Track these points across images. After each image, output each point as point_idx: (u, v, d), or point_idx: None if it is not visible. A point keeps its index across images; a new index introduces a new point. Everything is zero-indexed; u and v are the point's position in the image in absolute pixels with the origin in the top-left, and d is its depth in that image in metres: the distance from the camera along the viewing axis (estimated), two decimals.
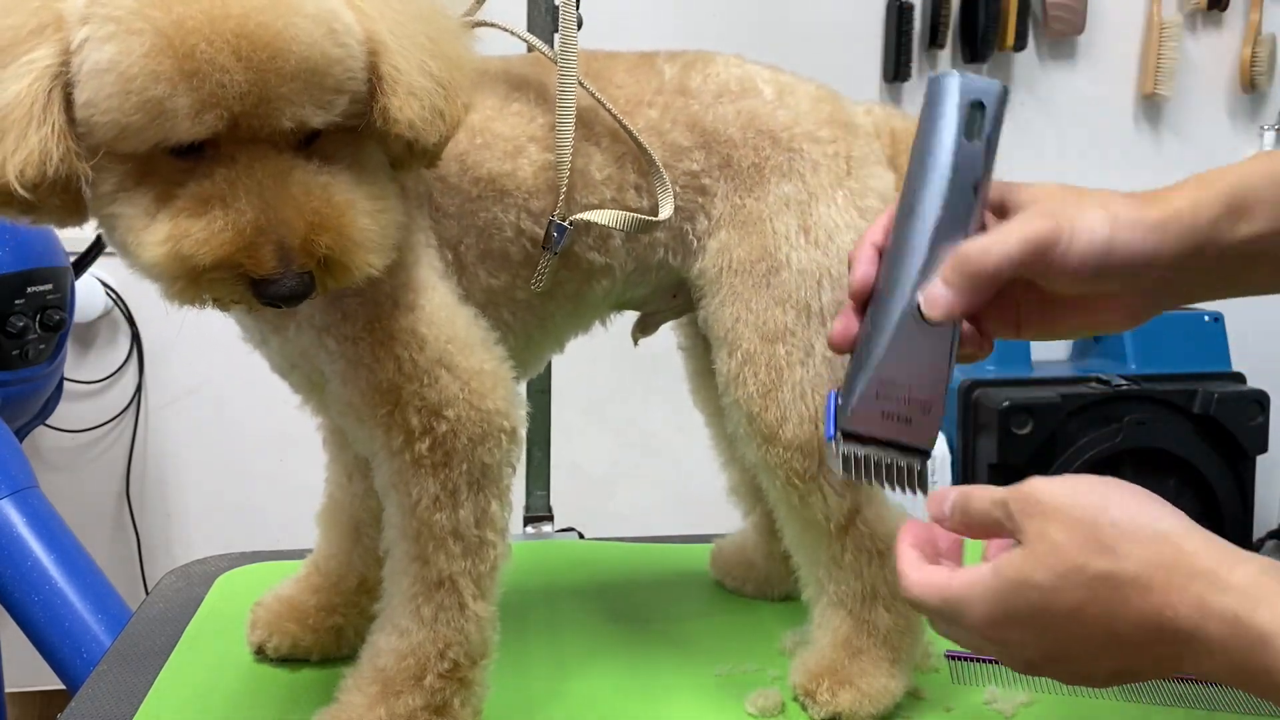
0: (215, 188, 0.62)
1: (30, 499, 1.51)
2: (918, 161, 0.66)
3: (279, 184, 0.62)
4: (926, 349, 0.66)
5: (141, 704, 0.85)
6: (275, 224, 0.62)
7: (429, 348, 0.74)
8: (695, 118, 0.85)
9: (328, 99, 0.63)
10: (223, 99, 0.59)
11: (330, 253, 0.63)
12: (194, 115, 0.59)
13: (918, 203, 0.65)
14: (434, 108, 0.67)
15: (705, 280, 0.86)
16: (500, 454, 0.77)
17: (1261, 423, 2.26)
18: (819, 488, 0.84)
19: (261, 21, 0.59)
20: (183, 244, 0.61)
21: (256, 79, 0.59)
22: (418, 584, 0.76)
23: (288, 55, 0.60)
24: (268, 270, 0.62)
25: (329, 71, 0.62)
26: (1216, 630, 0.50)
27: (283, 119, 0.61)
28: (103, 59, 0.58)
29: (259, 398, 2.06)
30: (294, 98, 0.61)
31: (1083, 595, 0.54)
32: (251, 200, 0.61)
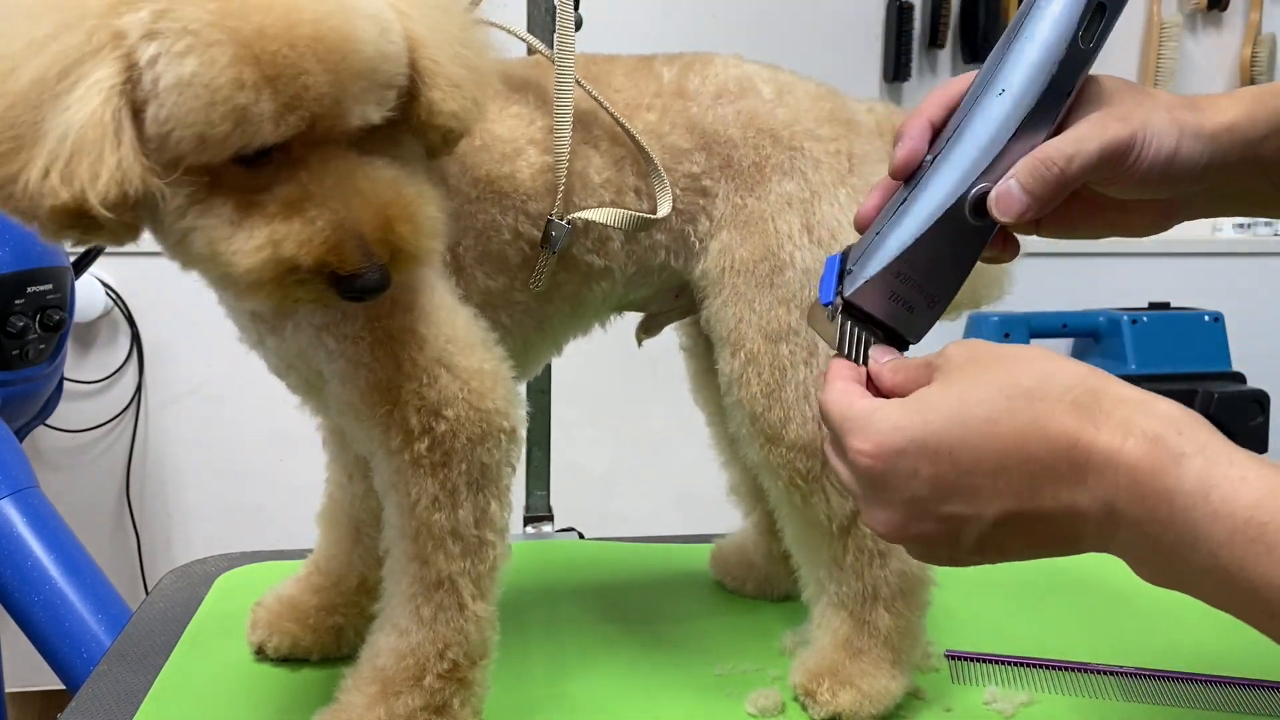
0: (301, 190, 0.63)
1: (30, 499, 1.51)
2: (1016, 50, 0.61)
3: (353, 181, 0.64)
4: (962, 242, 0.63)
5: (141, 704, 0.85)
6: (355, 220, 0.63)
7: (428, 347, 0.74)
8: (694, 119, 0.85)
9: (384, 95, 0.65)
10: (304, 101, 0.60)
11: (405, 243, 0.65)
12: (277, 119, 0.60)
13: (1008, 89, 0.61)
14: (472, 97, 0.70)
15: (708, 281, 0.86)
16: (500, 454, 0.77)
17: (1261, 423, 2.26)
18: (821, 488, 0.84)
19: (333, 25, 0.61)
20: (283, 247, 0.62)
21: (333, 80, 0.61)
22: (417, 584, 0.76)
23: (357, 55, 0.62)
24: (354, 266, 0.63)
25: (384, 69, 0.64)
26: (1133, 450, 0.48)
27: (352, 118, 0.63)
28: (184, 72, 0.58)
29: (259, 398, 2.06)
30: (362, 96, 0.63)
31: (1003, 403, 0.52)
32: (330, 201, 0.63)
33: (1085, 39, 0.61)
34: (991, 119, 0.61)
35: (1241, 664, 0.91)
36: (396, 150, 0.69)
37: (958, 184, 0.62)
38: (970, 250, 0.63)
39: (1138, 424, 0.49)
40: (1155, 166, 0.61)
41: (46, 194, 0.59)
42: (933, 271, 0.62)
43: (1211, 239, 2.67)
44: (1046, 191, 0.61)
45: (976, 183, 0.61)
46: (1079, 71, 0.61)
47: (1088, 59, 0.61)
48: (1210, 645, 0.96)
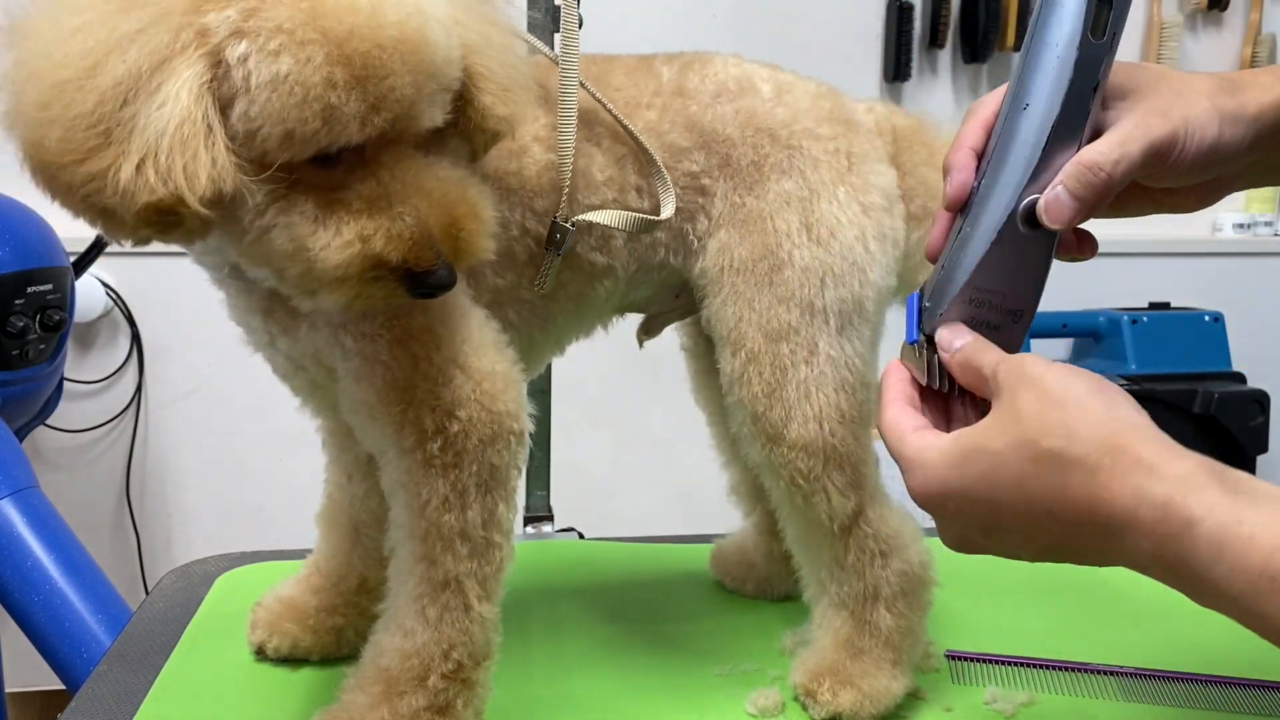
0: (383, 189, 0.64)
1: (30, 499, 1.51)
2: (1033, 59, 0.63)
3: (422, 181, 0.66)
4: (1027, 254, 0.64)
5: (141, 704, 0.85)
6: (427, 219, 0.65)
7: (445, 347, 0.75)
8: (694, 118, 0.85)
9: (446, 98, 0.67)
10: (389, 102, 0.62)
11: (467, 242, 0.67)
12: (364, 119, 0.62)
13: (1032, 103, 0.62)
14: (517, 103, 0.72)
15: (707, 280, 0.86)
16: (509, 456, 0.77)
17: (1261, 423, 2.27)
18: (823, 488, 0.84)
19: (414, 26, 0.62)
20: (372, 242, 0.64)
21: (415, 81, 0.63)
22: (424, 584, 0.76)
23: (432, 59, 0.63)
24: (428, 263, 0.65)
25: (449, 72, 0.66)
26: (1147, 515, 0.51)
27: (424, 119, 0.65)
28: (280, 70, 0.59)
29: (259, 398, 2.06)
30: (436, 98, 0.65)
31: (1029, 469, 0.55)
32: (407, 199, 0.65)
33: (1096, 34, 0.61)
34: (1023, 134, 0.63)
35: (1241, 664, 0.91)
36: (445, 152, 0.70)
37: (1007, 202, 0.63)
38: (1040, 259, 0.65)
39: (1147, 490, 0.52)
40: (1200, 157, 0.63)
41: (141, 190, 0.58)
42: (1007, 289, 0.64)
43: (1211, 239, 2.67)
44: (1094, 196, 0.62)
45: (1023, 196, 0.63)
46: (1098, 68, 0.62)
47: (1104, 54, 0.62)
48: (1210, 645, 0.96)
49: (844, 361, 0.84)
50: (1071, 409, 0.55)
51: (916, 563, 0.86)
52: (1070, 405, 0.56)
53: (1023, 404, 0.57)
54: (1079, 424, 0.55)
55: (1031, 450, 0.55)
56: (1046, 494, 0.55)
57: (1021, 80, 0.63)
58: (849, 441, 0.84)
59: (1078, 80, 0.62)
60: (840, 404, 0.83)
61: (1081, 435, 0.54)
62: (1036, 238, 0.64)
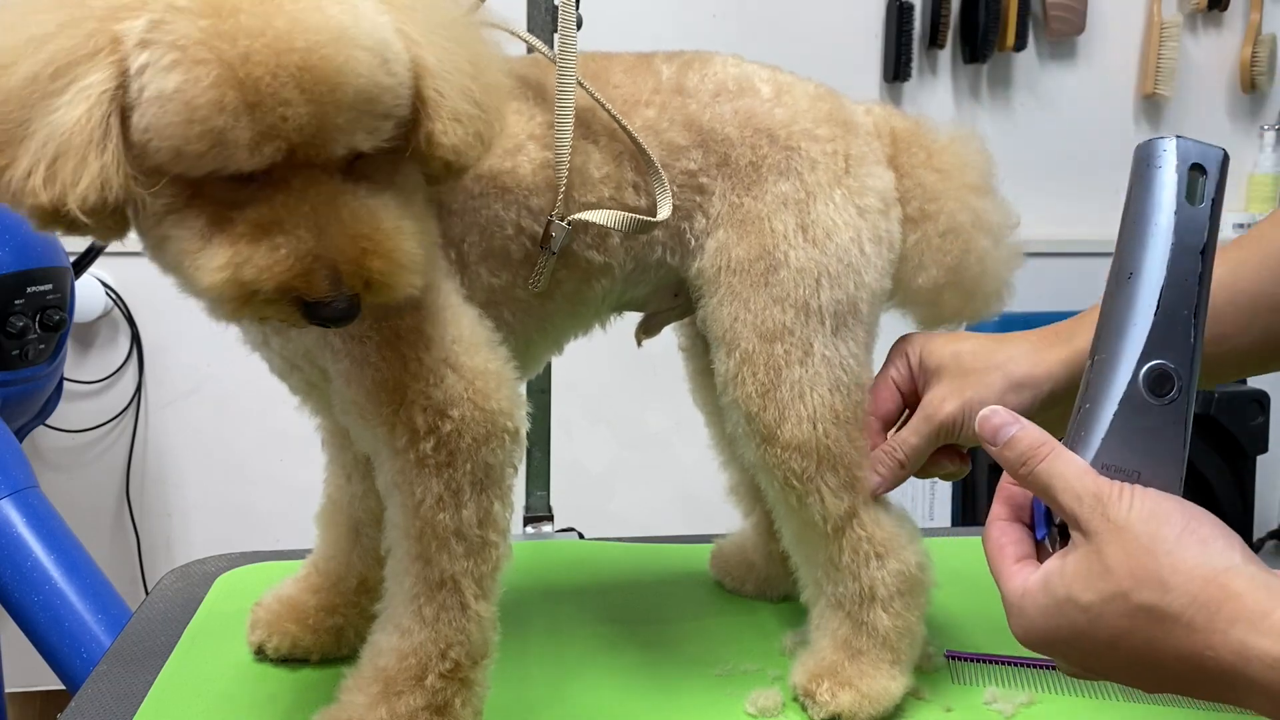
0: (273, 213, 0.62)
1: (30, 499, 1.51)
2: (1131, 229, 0.63)
3: (331, 209, 0.63)
4: (1157, 426, 0.61)
5: (141, 704, 0.85)
6: (328, 249, 0.63)
7: (435, 347, 0.74)
8: (692, 117, 0.85)
9: (377, 125, 0.64)
10: (283, 131, 0.60)
11: (378, 276, 0.65)
12: (254, 146, 0.60)
13: (1136, 270, 0.62)
14: (475, 132, 0.69)
15: (704, 280, 0.86)
16: (503, 454, 0.77)
17: (1261, 423, 2.27)
18: (816, 489, 0.84)
19: (324, 55, 0.59)
20: (243, 270, 0.62)
21: (316, 111, 0.60)
22: (420, 584, 0.76)
23: (346, 88, 0.61)
24: (321, 294, 0.63)
25: (380, 100, 0.63)
26: (1258, 672, 0.50)
27: (337, 147, 0.63)
28: (167, 86, 0.58)
29: (259, 398, 2.06)
30: (348, 127, 0.62)
31: (1125, 624, 0.54)
32: (308, 226, 0.62)
33: (1193, 201, 0.62)
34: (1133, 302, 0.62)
35: None
36: (396, 177, 0.68)
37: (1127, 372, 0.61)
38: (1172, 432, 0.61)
39: (1253, 646, 0.50)
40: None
41: (28, 193, 0.59)
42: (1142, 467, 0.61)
43: None
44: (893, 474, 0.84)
45: (1143, 363, 0.61)
46: (1201, 230, 0.62)
47: (1205, 217, 0.62)
48: None
49: (838, 362, 0.84)
50: (1162, 558, 0.54)
51: (913, 564, 0.86)
52: (1160, 554, 0.54)
53: (1110, 555, 0.55)
54: (1171, 574, 0.53)
55: (1125, 605, 0.54)
56: (1149, 649, 0.54)
57: (1122, 251, 0.63)
58: (843, 442, 0.84)
59: (1179, 244, 0.61)
60: (834, 404, 0.83)
61: (1175, 587, 0.53)
62: (1165, 408, 0.61)
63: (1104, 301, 0.64)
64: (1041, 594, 0.58)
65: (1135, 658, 0.55)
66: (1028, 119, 2.51)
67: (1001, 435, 0.62)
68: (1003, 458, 0.62)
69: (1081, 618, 0.56)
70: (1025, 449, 0.61)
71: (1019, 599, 0.60)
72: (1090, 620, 0.55)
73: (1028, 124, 2.50)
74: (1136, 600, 0.53)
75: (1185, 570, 0.53)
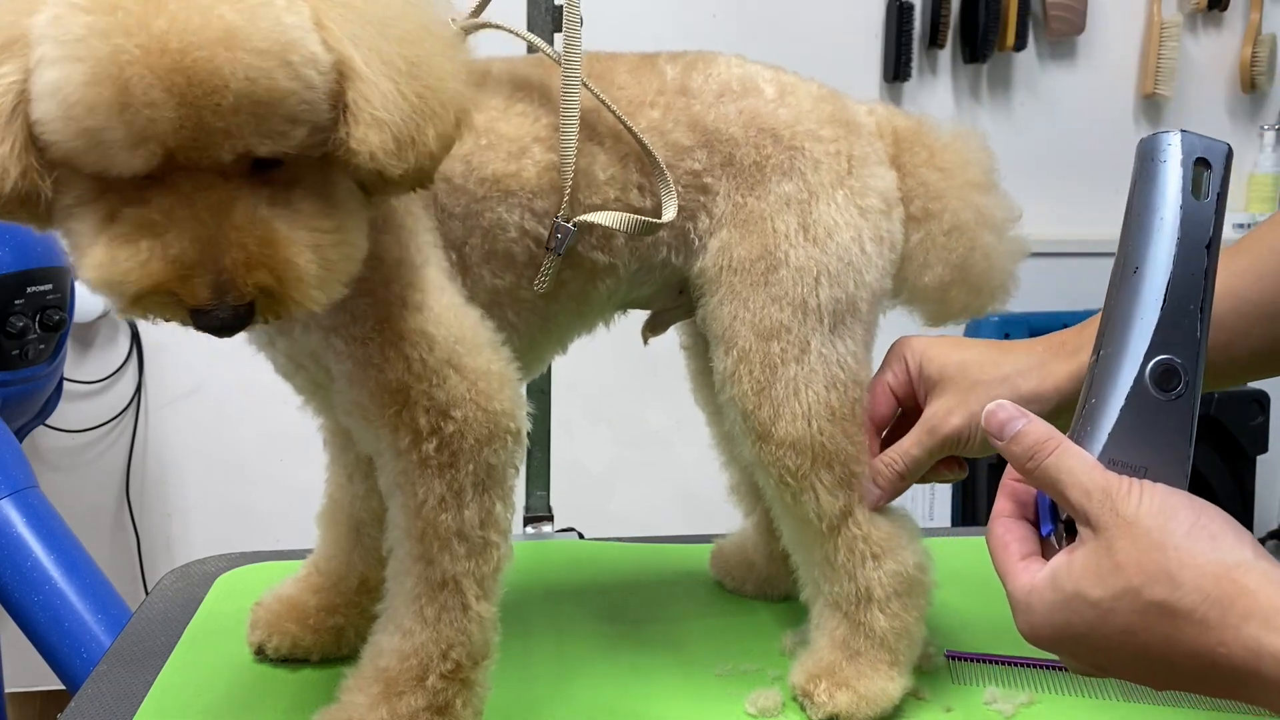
0: (151, 216, 0.61)
1: (30, 499, 1.51)
2: (1136, 223, 0.62)
3: (219, 215, 0.61)
4: (1163, 422, 0.61)
5: (141, 704, 0.85)
6: (211, 256, 0.61)
7: (438, 348, 0.74)
8: (697, 117, 0.85)
9: (280, 130, 0.61)
10: (154, 134, 0.58)
11: (268, 288, 0.62)
12: (129, 148, 0.58)
13: (1141, 265, 0.62)
14: (399, 138, 0.64)
15: (705, 279, 0.86)
16: (506, 455, 0.77)
17: (1261, 423, 2.27)
18: (811, 487, 0.84)
19: (200, 57, 0.57)
20: (111, 271, 0.61)
21: (190, 114, 0.58)
22: (421, 584, 0.76)
23: (225, 91, 0.58)
24: (200, 301, 0.61)
25: (280, 104, 0.60)
26: (1271, 669, 0.50)
27: (221, 152, 0.60)
28: (49, 82, 0.58)
29: (259, 398, 2.07)
30: (235, 131, 0.59)
31: (1136, 620, 0.54)
32: (185, 231, 0.60)
33: (1198, 195, 0.61)
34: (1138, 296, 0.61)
35: None
36: (321, 184, 0.65)
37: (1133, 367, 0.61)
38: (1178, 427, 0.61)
39: (1266, 643, 0.50)
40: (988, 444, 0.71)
41: None
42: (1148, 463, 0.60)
43: None
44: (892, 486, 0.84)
45: (1150, 359, 0.61)
46: (1206, 224, 0.61)
47: (1209, 212, 0.62)
48: None
49: (835, 360, 0.84)
50: (1171, 553, 0.53)
51: (911, 564, 0.86)
52: (1170, 549, 0.53)
53: (1120, 550, 0.55)
54: (1181, 570, 0.53)
55: (1136, 601, 0.54)
56: (1159, 646, 0.54)
57: (1129, 247, 0.62)
58: (839, 439, 0.84)
59: (1185, 239, 0.61)
60: (830, 401, 0.83)
61: (1186, 583, 0.52)
62: (1171, 403, 0.61)
63: (1108, 296, 0.63)
64: (1049, 590, 0.58)
65: (1145, 654, 0.54)
66: (1028, 119, 2.51)
67: (1008, 430, 0.62)
68: (1009, 452, 0.62)
69: (1091, 614, 0.55)
70: (1032, 443, 0.61)
71: (1025, 595, 0.59)
72: (1099, 616, 0.55)
73: (1028, 124, 2.51)
74: (1148, 597, 0.53)
75: (1196, 566, 0.52)
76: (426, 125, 0.65)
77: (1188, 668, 0.53)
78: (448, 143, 0.68)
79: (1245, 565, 0.52)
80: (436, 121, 0.66)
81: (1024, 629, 0.60)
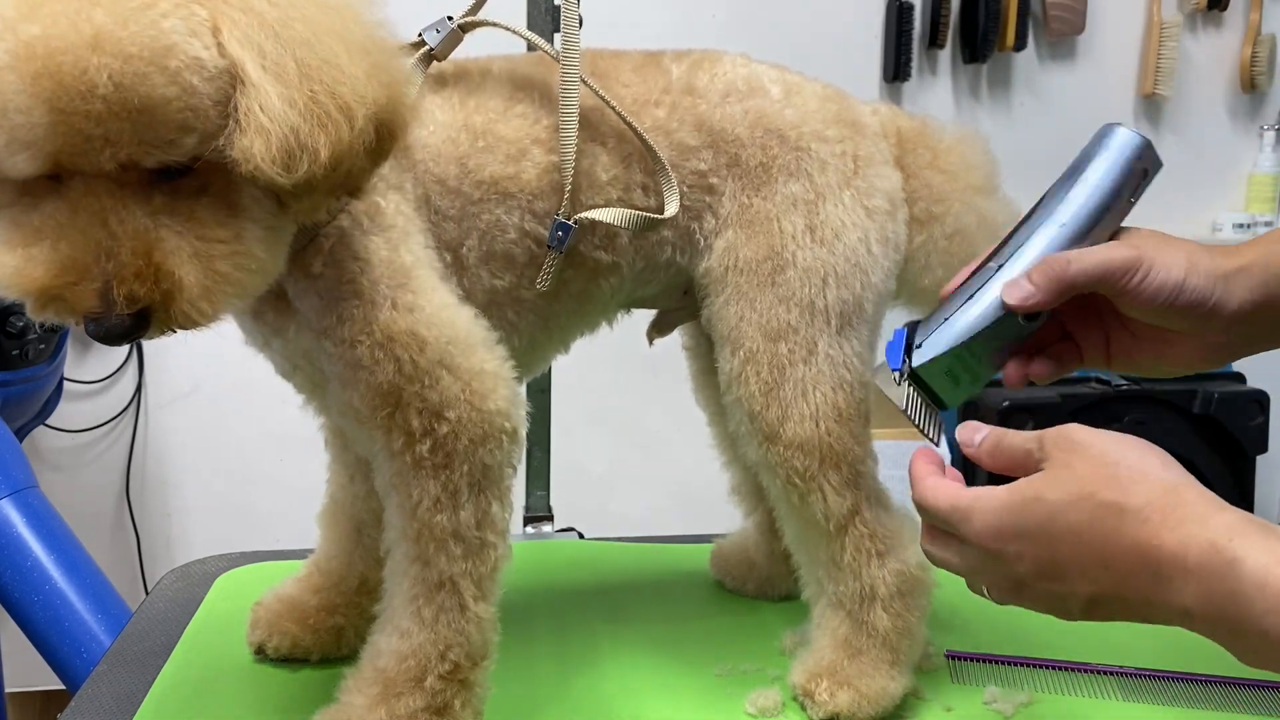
0: (41, 222, 0.61)
1: (30, 499, 1.51)
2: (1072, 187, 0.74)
3: (102, 224, 0.60)
4: (1010, 335, 0.73)
5: (141, 704, 0.85)
6: (97, 263, 0.60)
7: (429, 349, 0.74)
8: (703, 117, 0.85)
9: (166, 138, 0.59)
10: (29, 140, 0.57)
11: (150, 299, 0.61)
12: (11, 154, 0.58)
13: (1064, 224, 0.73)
14: (287, 147, 0.61)
15: (711, 279, 0.86)
16: (501, 455, 0.77)
17: (1261, 423, 2.26)
18: (819, 487, 0.84)
19: (65, 62, 0.56)
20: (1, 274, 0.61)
21: (60, 121, 0.57)
22: (418, 585, 0.76)
23: (93, 96, 0.56)
24: (86, 309, 0.61)
25: (161, 111, 0.58)
26: (1195, 557, 0.55)
27: (102, 159, 0.59)
28: None
29: (259, 398, 2.06)
30: (114, 139, 0.58)
31: (1087, 518, 0.59)
32: (71, 238, 0.60)
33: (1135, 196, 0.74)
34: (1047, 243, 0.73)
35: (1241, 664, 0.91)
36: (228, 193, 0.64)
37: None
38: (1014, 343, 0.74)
39: (1195, 535, 0.55)
40: (1161, 291, 0.70)
41: None
42: (983, 357, 0.74)
43: (1212, 239, 2.67)
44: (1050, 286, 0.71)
45: None
46: (1120, 219, 0.74)
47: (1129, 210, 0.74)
48: (1210, 645, 0.95)
49: (842, 361, 0.84)
50: (1123, 468, 0.59)
51: (914, 563, 0.86)
52: (1123, 465, 0.60)
53: (1077, 465, 0.60)
54: (1133, 482, 0.59)
55: (1090, 502, 0.59)
56: (1103, 543, 0.58)
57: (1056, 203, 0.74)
58: (846, 440, 0.84)
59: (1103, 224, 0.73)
60: (838, 402, 0.83)
61: (1137, 490, 0.58)
62: (1023, 327, 0.72)
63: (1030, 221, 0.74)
64: (1006, 494, 0.62)
65: (1088, 552, 0.59)
66: (1028, 119, 2.51)
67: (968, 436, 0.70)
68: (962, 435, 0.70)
69: (1043, 512, 0.60)
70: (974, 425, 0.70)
71: (975, 500, 0.63)
72: (1050, 515, 0.60)
73: (1028, 124, 2.50)
74: (1100, 498, 0.58)
75: (1147, 480, 0.59)
76: (318, 132, 0.62)
77: (1120, 566, 0.58)
78: (345, 150, 0.63)
79: (1188, 485, 0.59)
80: (330, 127, 0.62)
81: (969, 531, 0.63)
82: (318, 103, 0.62)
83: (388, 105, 0.66)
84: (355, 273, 0.73)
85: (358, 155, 0.65)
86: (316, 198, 0.66)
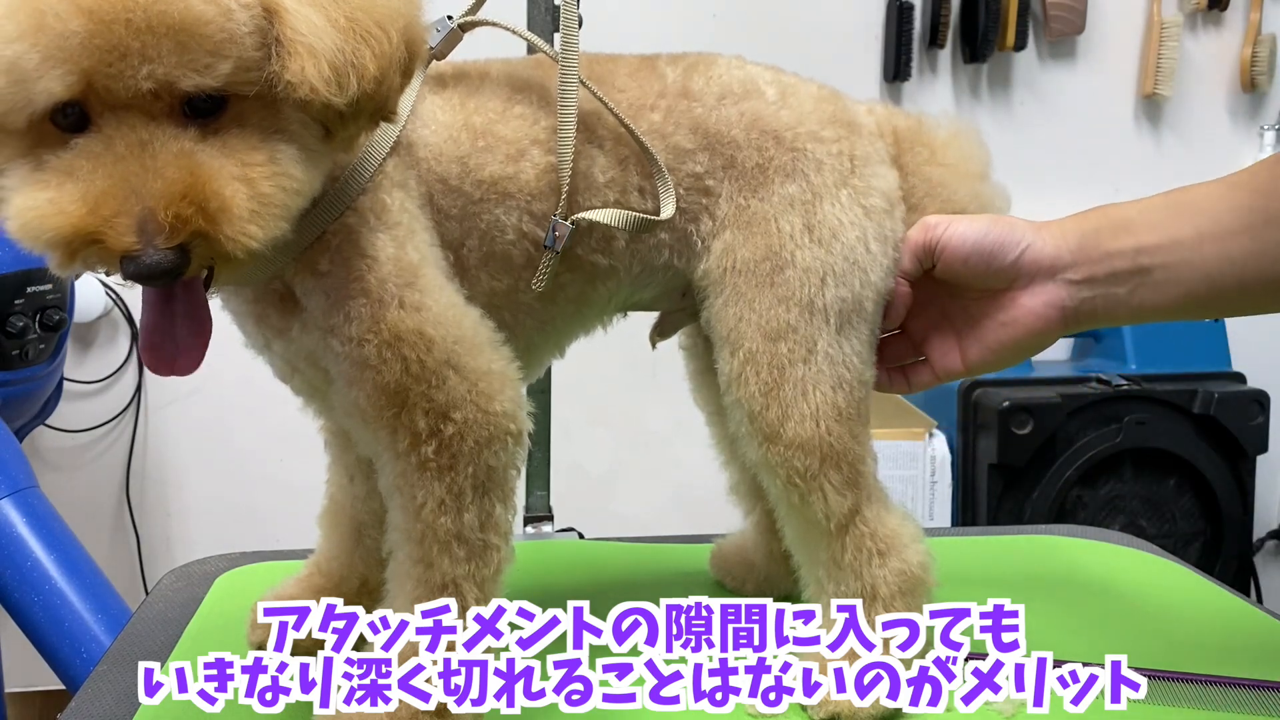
0: (75, 161, 0.60)
1: (30, 499, 1.51)
2: None
3: (140, 154, 0.59)
4: None
5: (141, 704, 0.85)
6: (134, 197, 0.59)
7: (436, 349, 0.74)
8: (699, 120, 0.85)
9: (204, 61, 0.59)
10: (68, 52, 0.57)
11: (195, 224, 0.60)
12: (45, 72, 0.57)
13: None
14: (336, 65, 0.62)
15: (709, 281, 0.86)
16: (506, 457, 0.77)
17: (1261, 423, 2.26)
18: (819, 486, 0.84)
19: None
20: (29, 217, 0.60)
21: (102, 30, 0.57)
22: (421, 587, 0.76)
23: (135, 7, 0.57)
24: (125, 245, 0.59)
25: (199, 31, 0.59)
26: None
27: (139, 78, 0.58)
28: None
29: (259, 398, 2.06)
30: (151, 55, 0.58)
31: None
32: (106, 172, 0.59)
33: None
34: None
35: (1242, 664, 0.91)
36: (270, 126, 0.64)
37: None
38: None
39: None
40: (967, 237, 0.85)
41: None
42: None
43: None
44: None
45: None
46: None
47: None
48: (1210, 645, 0.96)
49: (842, 360, 0.84)
50: None
51: (915, 563, 0.86)
52: None
53: None
54: None
55: None
56: None
57: None
58: (846, 439, 0.84)
59: None
60: (838, 402, 0.83)
61: None
62: None
63: None
64: None
65: None
66: (1028, 119, 2.51)
67: None
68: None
69: None
70: None
71: None
72: None
73: (1028, 124, 2.50)
74: None
75: None
76: (362, 48, 0.64)
77: None
78: (389, 64, 0.65)
79: None
80: (373, 43, 0.64)
81: None
82: (356, 21, 0.64)
83: (413, 20, 0.68)
84: (362, 270, 0.73)
85: (396, 72, 0.66)
86: (361, 121, 0.68)
